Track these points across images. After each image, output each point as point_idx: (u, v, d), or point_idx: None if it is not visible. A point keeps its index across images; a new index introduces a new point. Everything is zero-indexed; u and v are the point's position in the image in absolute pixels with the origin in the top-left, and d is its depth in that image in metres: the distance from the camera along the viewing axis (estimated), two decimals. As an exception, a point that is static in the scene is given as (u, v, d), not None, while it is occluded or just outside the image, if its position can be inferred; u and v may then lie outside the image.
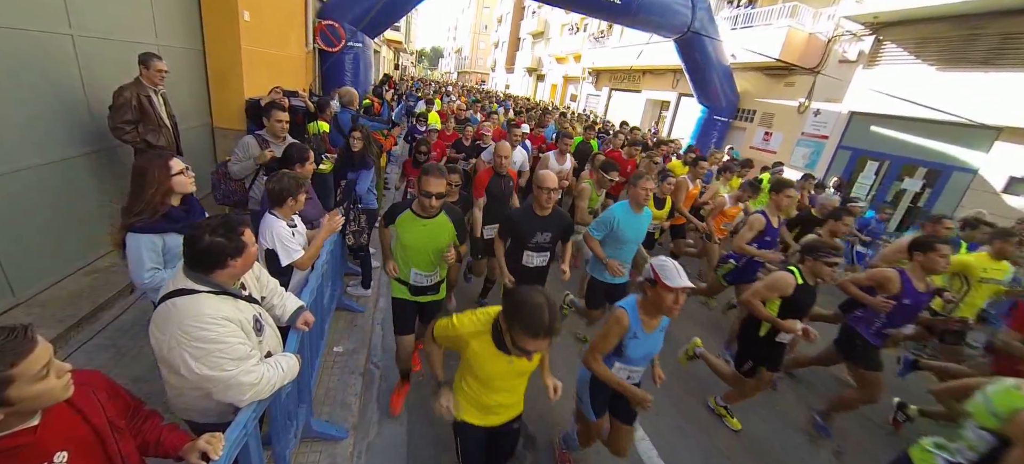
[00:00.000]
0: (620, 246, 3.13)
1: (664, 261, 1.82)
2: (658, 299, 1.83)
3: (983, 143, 7.44)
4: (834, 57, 9.95)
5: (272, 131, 3.19)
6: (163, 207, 1.84)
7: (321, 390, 2.76)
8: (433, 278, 2.51)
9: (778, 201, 3.74)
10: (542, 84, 30.11)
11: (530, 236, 2.76)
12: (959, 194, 7.72)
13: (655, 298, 1.85)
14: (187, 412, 1.52)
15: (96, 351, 2.77)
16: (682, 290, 1.76)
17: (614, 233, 3.08)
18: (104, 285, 3.24)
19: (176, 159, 1.89)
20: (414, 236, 2.36)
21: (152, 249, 1.82)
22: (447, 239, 2.42)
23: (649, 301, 1.91)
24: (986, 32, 7.37)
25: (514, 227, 2.78)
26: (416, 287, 2.50)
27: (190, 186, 1.95)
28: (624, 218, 3.06)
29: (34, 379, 0.89)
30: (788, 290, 2.63)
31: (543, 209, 2.73)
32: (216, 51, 5.04)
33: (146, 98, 3.14)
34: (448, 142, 5.64)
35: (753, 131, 12.02)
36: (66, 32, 3.06)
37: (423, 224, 2.34)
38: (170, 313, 1.32)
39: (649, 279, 1.86)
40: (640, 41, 14.79)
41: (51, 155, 3.00)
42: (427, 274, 2.47)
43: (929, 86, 7.98)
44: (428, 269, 2.46)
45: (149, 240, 1.82)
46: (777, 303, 2.69)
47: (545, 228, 2.77)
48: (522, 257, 2.82)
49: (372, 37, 8.96)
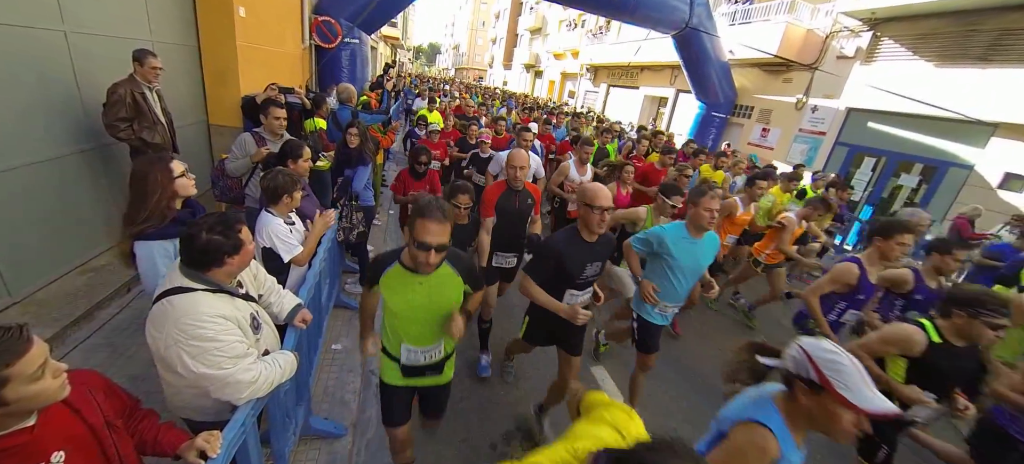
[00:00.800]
0: (669, 276, 2.49)
1: (837, 357, 1.13)
2: (825, 414, 1.14)
3: (979, 139, 7.47)
4: (832, 53, 9.95)
5: (270, 128, 3.16)
6: (170, 212, 1.80)
7: (320, 388, 2.76)
8: (434, 354, 1.82)
9: (885, 250, 2.62)
10: (540, 80, 30.03)
11: (579, 271, 2.14)
12: (955, 190, 7.76)
13: (818, 410, 1.15)
14: (184, 410, 1.52)
15: (93, 350, 2.76)
16: (872, 413, 1.08)
17: (661, 257, 2.48)
18: (101, 284, 3.22)
19: (176, 161, 1.85)
20: (406, 301, 1.67)
21: (165, 255, 1.79)
22: (454, 300, 1.75)
23: (801, 410, 1.19)
24: (983, 28, 7.37)
25: (559, 260, 2.09)
26: (411, 367, 1.83)
27: (192, 188, 1.91)
28: (677, 242, 2.44)
29: (30, 379, 0.89)
30: (913, 349, 1.97)
31: (593, 233, 2.09)
32: (211, 48, 4.99)
33: (140, 95, 3.11)
34: (449, 139, 5.49)
35: (751, 127, 12.03)
36: (59, 28, 3.03)
37: (418, 283, 1.65)
38: (167, 311, 1.31)
39: (806, 378, 1.17)
40: (638, 37, 14.73)
41: (45, 153, 2.98)
42: (425, 349, 1.79)
43: (926, 82, 8.00)
44: (426, 343, 1.79)
45: (161, 246, 1.78)
46: (901, 365, 2.06)
47: (595, 257, 2.17)
48: (562, 297, 2.20)
49: (369, 33, 8.90)
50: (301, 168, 2.70)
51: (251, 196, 3.12)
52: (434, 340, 1.81)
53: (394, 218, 6.10)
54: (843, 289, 2.72)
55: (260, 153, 3.02)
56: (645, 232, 2.59)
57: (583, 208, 2.06)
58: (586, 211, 2.04)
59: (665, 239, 2.45)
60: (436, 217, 1.50)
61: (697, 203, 2.42)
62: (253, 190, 3.10)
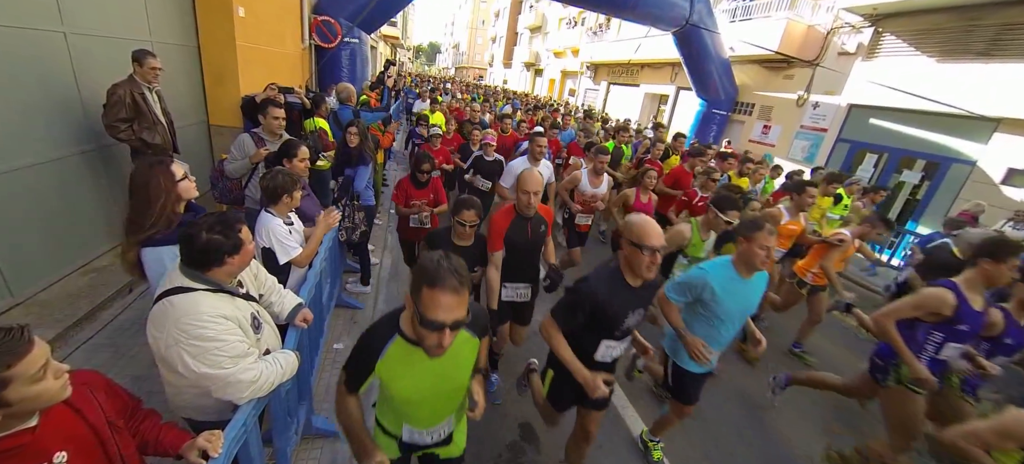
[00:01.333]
0: (715, 324, 2.11)
1: None
2: None
3: (982, 135, 7.43)
4: (833, 49, 9.91)
5: (269, 129, 3.16)
6: (175, 217, 1.79)
7: (322, 387, 2.77)
8: (442, 432, 1.51)
9: (995, 275, 2.13)
10: (540, 79, 29.99)
11: (620, 321, 1.78)
12: (958, 186, 7.72)
13: None
14: (185, 410, 1.52)
15: (95, 350, 2.76)
16: None
17: (706, 305, 2.09)
18: (102, 284, 3.23)
19: (177, 164, 1.83)
20: (413, 385, 1.32)
21: (174, 258, 1.76)
22: (468, 369, 1.43)
23: None
24: (985, 23, 7.33)
25: (597, 308, 1.73)
26: (413, 445, 1.52)
27: (194, 191, 1.89)
28: (724, 286, 2.04)
29: (31, 380, 0.89)
30: None
31: (638, 277, 1.73)
32: (211, 48, 4.99)
33: (140, 96, 3.11)
34: (450, 146, 5.25)
35: (752, 124, 11.99)
36: (58, 29, 3.03)
37: (427, 360, 1.24)
38: (167, 311, 1.31)
39: None
40: (638, 35, 14.71)
41: (46, 154, 2.98)
42: (433, 429, 1.47)
43: (928, 78, 7.95)
44: (436, 423, 1.46)
45: (170, 251, 1.75)
46: (1017, 459, 1.66)
47: (639, 303, 1.81)
48: (597, 348, 1.84)
49: (369, 32, 8.89)
50: (296, 167, 2.68)
51: (251, 197, 3.12)
52: (445, 419, 1.48)
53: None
54: (932, 318, 2.24)
55: (259, 154, 3.02)
56: (686, 276, 2.17)
57: (630, 248, 1.68)
58: (633, 252, 1.66)
59: (711, 285, 2.04)
60: (450, 286, 1.11)
61: (751, 238, 1.98)
62: (253, 191, 3.10)
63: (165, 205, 1.73)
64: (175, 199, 1.77)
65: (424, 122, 6.14)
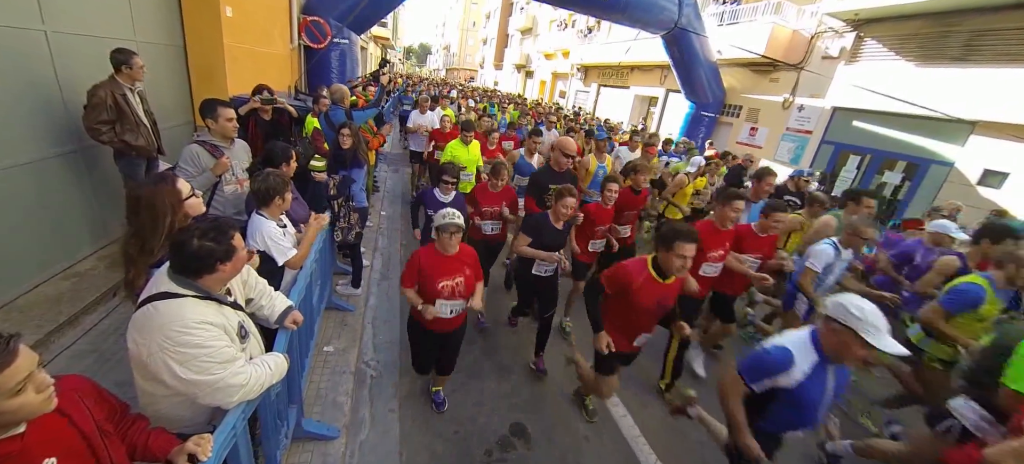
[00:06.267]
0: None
1: None
2: None
3: (959, 137, 7.67)
4: (817, 53, 10.14)
5: (222, 133, 2.82)
6: None
7: (312, 390, 2.75)
8: None
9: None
10: (531, 81, 30.06)
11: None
12: (936, 187, 7.96)
13: None
14: (159, 421, 1.42)
15: (78, 356, 2.70)
16: None
17: None
18: (85, 289, 3.16)
19: (181, 181, 1.75)
20: None
21: None
22: None
23: None
24: (959, 29, 7.58)
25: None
26: None
27: (201, 207, 1.83)
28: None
29: (9, 394, 0.86)
30: None
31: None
32: (197, 47, 4.91)
33: (122, 97, 3.04)
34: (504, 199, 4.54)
35: (739, 126, 12.20)
36: (39, 28, 2.96)
37: None
38: (152, 317, 1.28)
39: None
40: (628, 37, 14.82)
41: (26, 155, 2.91)
42: None
43: (908, 82, 8.19)
44: None
45: None
46: None
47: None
48: None
49: (359, 33, 8.83)
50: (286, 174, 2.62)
51: (218, 212, 2.83)
52: None
53: (388, 218, 6.08)
54: None
55: (222, 164, 2.72)
56: None
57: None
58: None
59: None
60: None
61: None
62: (221, 207, 2.83)
63: (173, 224, 1.64)
64: (183, 217, 1.70)
65: (450, 172, 3.33)
